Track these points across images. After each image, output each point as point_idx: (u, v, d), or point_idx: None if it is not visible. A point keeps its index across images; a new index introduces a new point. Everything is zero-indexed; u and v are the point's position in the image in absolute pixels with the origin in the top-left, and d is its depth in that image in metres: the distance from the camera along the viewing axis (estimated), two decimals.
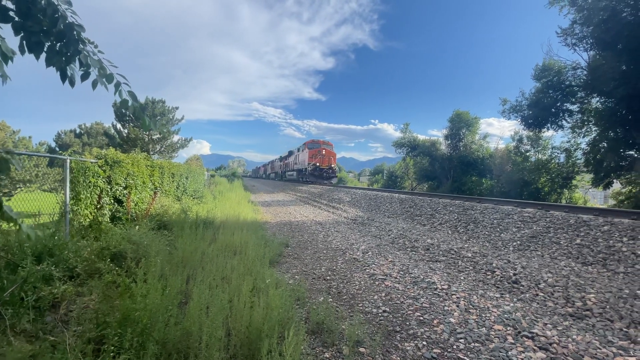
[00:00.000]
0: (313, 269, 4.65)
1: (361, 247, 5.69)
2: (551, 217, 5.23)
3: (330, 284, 4.05)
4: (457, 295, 3.46)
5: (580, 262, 4.02)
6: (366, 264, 4.72)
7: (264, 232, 7.00)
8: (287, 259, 5.22)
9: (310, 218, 9.44)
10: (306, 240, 6.46)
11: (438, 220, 7.22)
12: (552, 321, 2.83)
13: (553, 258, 4.31)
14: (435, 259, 4.91)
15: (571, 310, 3.02)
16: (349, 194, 13.27)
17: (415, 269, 4.43)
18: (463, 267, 4.46)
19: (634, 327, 2.63)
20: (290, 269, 4.68)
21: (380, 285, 3.87)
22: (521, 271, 3.90)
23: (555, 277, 3.61)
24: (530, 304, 3.25)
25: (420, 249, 5.46)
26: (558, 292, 3.32)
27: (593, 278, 3.54)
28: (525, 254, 4.64)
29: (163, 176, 8.27)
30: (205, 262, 4.20)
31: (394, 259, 4.92)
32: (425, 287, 3.75)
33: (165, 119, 31.93)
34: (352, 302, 3.45)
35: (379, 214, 9.18)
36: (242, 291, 3.14)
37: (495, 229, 5.71)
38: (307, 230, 7.53)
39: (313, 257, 5.29)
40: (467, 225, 6.34)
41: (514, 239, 5.14)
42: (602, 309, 2.93)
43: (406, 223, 7.62)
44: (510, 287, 3.67)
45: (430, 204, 8.37)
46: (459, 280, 3.96)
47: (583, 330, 2.68)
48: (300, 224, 8.54)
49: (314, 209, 11.80)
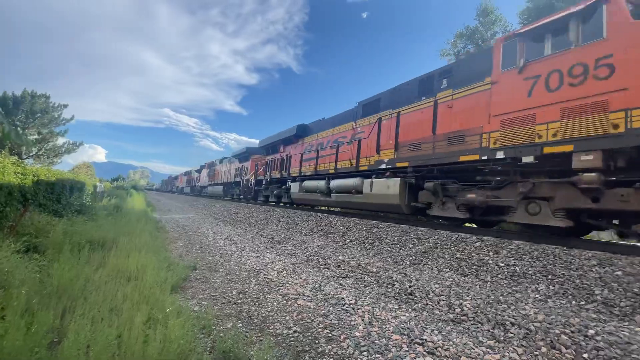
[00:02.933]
0: (223, 293, 4.39)
1: (276, 267, 5.63)
2: (438, 234, 6.12)
3: (241, 307, 3.88)
4: (363, 309, 3.70)
5: (459, 274, 4.78)
6: (280, 284, 4.69)
7: (169, 253, 6.34)
8: (193, 284, 4.82)
9: (225, 237, 8.96)
10: (217, 262, 6.09)
11: (349, 237, 7.68)
12: (438, 327, 3.27)
13: (440, 270, 5.02)
14: (345, 275, 5.19)
15: (452, 316, 3.54)
16: (267, 212, 13.10)
17: (326, 285, 4.59)
18: (369, 281, 4.81)
19: (498, 328, 3.22)
20: (196, 295, 4.33)
21: (292, 305, 3.88)
22: (415, 283, 4.42)
23: (441, 287, 4.19)
24: (422, 312, 3.70)
25: (332, 266, 5.70)
26: (443, 301, 3.86)
27: (469, 287, 4.24)
28: (418, 267, 5.29)
29: (39, 186, 6.83)
30: (89, 291, 3.57)
31: (308, 277, 5.01)
32: (334, 303, 3.91)
33: (47, 118, 26.66)
34: (263, 325, 3.37)
35: (297, 232, 9.28)
36: (135, 323, 2.77)
37: (395, 245, 6.36)
38: (219, 251, 7.11)
39: (224, 279, 5.01)
40: (374, 242, 6.91)
41: (410, 254, 5.82)
42: (475, 314, 3.51)
43: (321, 240, 7.88)
44: (406, 298, 4.11)
45: (343, 222, 8.86)
46: (364, 295, 4.26)
47: (461, 333, 3.16)
48: (212, 244, 8.02)
49: (229, 227, 11.25)
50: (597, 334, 2.83)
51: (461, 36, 16.77)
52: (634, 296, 3.39)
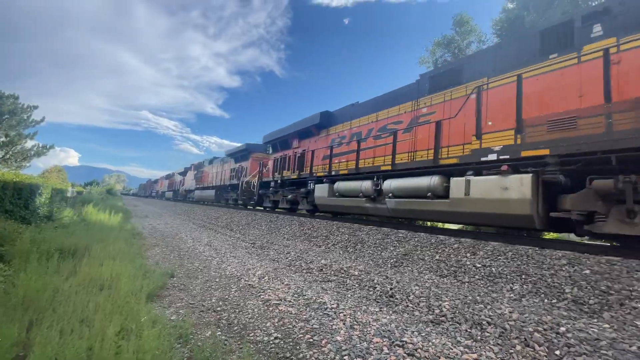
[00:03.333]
0: (202, 301, 4.27)
1: (258, 272, 5.55)
2: (419, 237, 6.22)
3: (220, 315, 3.78)
4: (344, 313, 3.70)
5: (438, 275, 4.87)
6: (261, 290, 4.62)
7: (145, 261, 6.12)
8: (171, 292, 4.66)
9: (205, 243, 8.75)
10: (197, 269, 5.93)
11: (332, 241, 7.68)
12: (418, 328, 3.31)
13: (420, 272, 5.10)
14: (328, 279, 5.18)
15: (432, 317, 3.59)
16: (249, 216, 12.92)
17: (309, 290, 4.56)
18: (351, 285, 4.82)
19: (475, 328, 3.29)
20: (174, 303, 4.19)
21: (274, 311, 3.82)
22: (396, 285, 4.46)
23: (421, 289, 4.26)
24: (402, 314, 3.74)
25: (314, 270, 5.67)
26: (422, 302, 3.91)
27: (447, 288, 4.32)
28: (399, 269, 5.36)
29: (5, 191, 6.45)
30: (58, 302, 3.40)
31: (290, 282, 4.96)
32: (316, 308, 3.88)
33: (15, 120, 25.33)
34: (243, 333, 3.29)
35: (279, 237, 9.20)
36: (107, 335, 2.65)
37: (377, 248, 6.42)
38: (199, 257, 6.93)
39: (203, 286, 4.88)
40: (356, 246, 6.95)
41: (391, 256, 5.88)
42: (453, 314, 3.58)
43: (304, 245, 7.84)
44: (387, 300, 4.14)
45: (326, 226, 8.86)
46: (346, 298, 4.26)
47: (440, 334, 3.22)
48: (192, 250, 7.81)
49: (209, 233, 11.00)
50: (568, 331, 2.95)
51: (439, 45, 17.31)
52: (602, 294, 3.57)
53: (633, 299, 3.37)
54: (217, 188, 22.61)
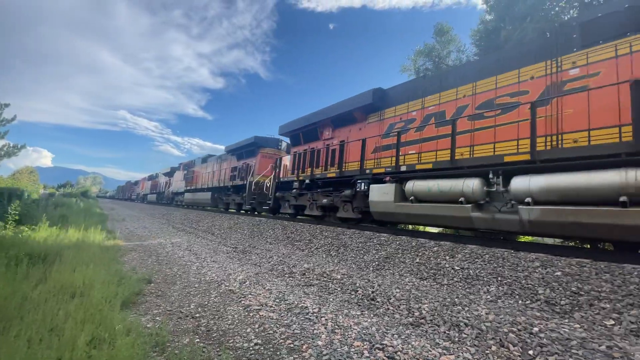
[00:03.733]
0: (180, 307, 4.15)
1: (239, 277, 5.46)
2: (400, 240, 6.31)
3: (199, 321, 3.69)
4: (326, 317, 3.69)
5: (419, 278, 4.95)
6: (242, 295, 4.54)
7: (120, 266, 5.90)
8: (148, 298, 4.51)
9: (184, 248, 8.53)
10: (175, 274, 5.76)
11: (315, 245, 7.67)
12: (398, 331, 3.34)
13: (401, 275, 5.17)
14: (310, 283, 5.15)
15: (412, 319, 3.64)
16: (231, 220, 12.71)
17: (290, 295, 4.52)
18: (333, 289, 4.82)
19: (453, 329, 3.36)
20: (150, 310, 4.05)
21: (254, 317, 3.76)
22: (378, 288, 4.50)
23: (401, 291, 4.31)
24: (383, 317, 3.77)
25: (297, 274, 5.63)
26: (403, 305, 3.96)
27: (427, 290, 4.40)
28: (381, 272, 5.41)
29: None
30: (26, 310, 3.22)
31: (272, 287, 4.90)
32: (298, 312, 3.85)
33: None
34: (223, 339, 3.22)
35: (262, 241, 9.10)
36: (78, 344, 2.53)
37: (360, 252, 6.46)
38: (177, 262, 6.74)
39: (182, 293, 4.75)
40: (339, 249, 6.96)
41: (373, 260, 5.93)
42: (432, 316, 3.64)
43: (287, 249, 7.79)
44: (369, 304, 4.16)
45: (309, 229, 8.84)
46: (328, 302, 4.25)
47: (419, 336, 3.26)
48: (170, 255, 7.60)
49: (189, 237, 10.74)
50: (541, 331, 3.06)
51: (420, 53, 17.76)
52: (572, 294, 3.72)
53: (602, 300, 3.54)
54: (214, 190, 19.33)
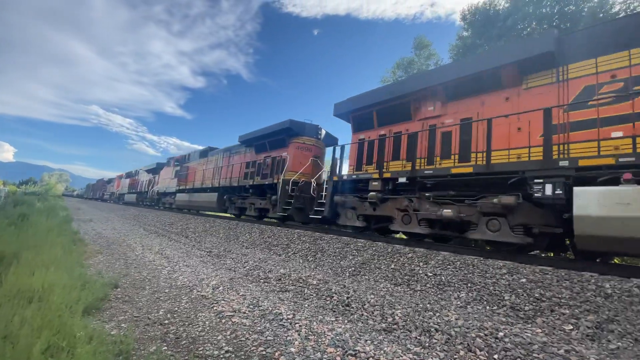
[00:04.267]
0: (148, 313, 3.98)
1: (212, 283, 5.31)
2: (376, 246, 6.39)
3: (167, 328, 3.55)
4: (300, 323, 3.66)
5: (393, 283, 5.03)
6: (215, 301, 4.42)
7: (85, 270, 5.59)
8: (113, 304, 4.29)
9: (155, 251, 8.22)
10: (144, 279, 5.53)
11: (292, 250, 7.62)
12: (371, 337, 3.37)
13: (376, 281, 5.23)
14: (286, 289, 5.10)
15: (384, 325, 3.68)
16: (207, 223, 12.39)
17: (265, 301, 4.46)
18: (308, 294, 4.80)
19: (424, 335, 3.43)
20: (115, 316, 3.86)
21: (226, 323, 3.67)
22: (353, 294, 4.52)
23: (376, 297, 4.36)
24: (357, 323, 3.79)
25: (272, 280, 5.56)
26: (377, 311, 4.00)
27: (401, 296, 4.47)
28: (357, 278, 5.45)
29: None
30: None
31: (246, 293, 4.81)
32: (272, 319, 3.80)
33: None
34: (192, 347, 3.12)
35: (238, 245, 8.92)
36: (33, 353, 2.37)
37: (337, 257, 6.48)
38: (147, 266, 6.47)
39: (150, 298, 4.56)
40: (316, 254, 6.95)
41: (350, 265, 5.97)
42: (405, 322, 3.70)
43: (263, 253, 7.68)
44: (343, 310, 4.17)
45: (287, 234, 8.77)
46: (303, 308, 4.22)
47: (391, 342, 3.30)
48: (140, 258, 7.29)
49: (161, 240, 10.36)
50: (506, 336, 3.19)
51: (399, 66, 18.28)
52: (535, 300, 3.91)
53: (562, 306, 3.74)
54: (222, 190, 15.30)
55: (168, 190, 22.22)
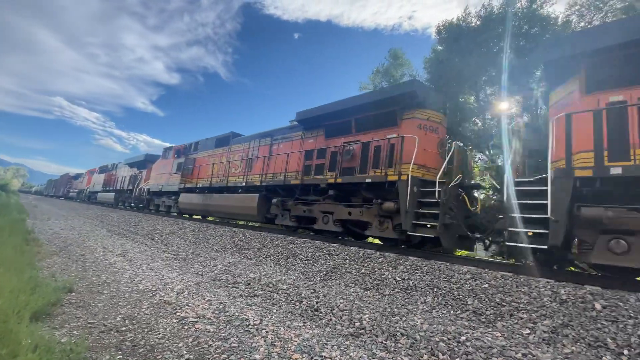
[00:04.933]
0: (104, 320, 3.74)
1: (177, 287, 5.09)
2: (348, 251, 6.43)
3: (124, 336, 3.35)
4: (267, 329, 3.58)
5: (363, 288, 5.06)
6: (178, 306, 4.23)
7: (38, 272, 5.18)
8: (66, 309, 4.00)
9: (118, 253, 7.78)
10: (103, 282, 5.21)
11: (264, 254, 7.49)
12: (338, 342, 3.35)
13: (346, 285, 5.24)
14: (254, 294, 4.99)
15: (352, 330, 3.68)
16: (175, 225, 11.93)
17: (232, 306, 4.33)
18: (278, 299, 4.71)
19: (390, 339, 3.45)
20: (67, 322, 3.60)
21: (189, 330, 3.52)
22: (322, 299, 4.50)
23: (345, 302, 4.36)
24: (325, 328, 3.76)
25: (241, 284, 5.43)
26: (345, 315, 4.00)
27: (369, 300, 4.50)
28: (328, 283, 5.43)
29: None
30: None
31: (212, 298, 4.65)
32: (238, 325, 3.69)
33: None
34: (150, 355, 2.95)
35: (207, 248, 8.65)
36: None
37: (309, 261, 6.45)
38: (107, 269, 6.11)
39: (108, 303, 4.29)
40: (288, 259, 6.87)
41: (321, 270, 5.95)
42: (372, 326, 3.72)
43: (233, 257, 7.49)
44: (312, 315, 4.14)
45: (259, 237, 8.62)
46: (271, 314, 4.14)
47: (358, 347, 3.30)
48: (100, 260, 6.88)
49: (125, 241, 9.84)
50: (467, 340, 3.28)
51: (378, 72, 18.75)
52: (496, 305, 4.07)
53: (520, 310, 3.91)
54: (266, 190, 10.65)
55: (165, 189, 16.93)
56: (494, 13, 14.44)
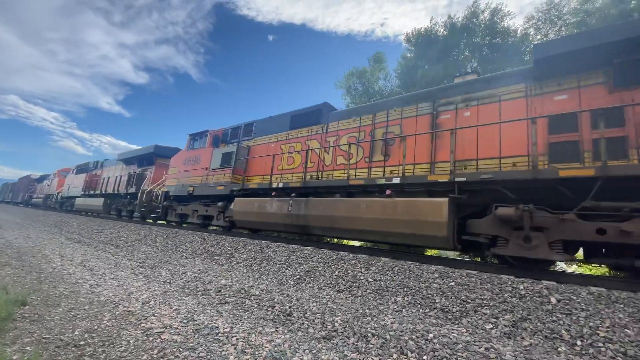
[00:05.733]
0: (61, 334, 3.50)
1: (142, 297, 4.86)
2: (322, 253, 6.44)
3: (83, 350, 3.15)
4: (237, 336, 3.50)
5: (336, 290, 5.09)
6: (143, 317, 4.04)
7: None
8: (19, 324, 3.71)
9: (77, 262, 7.30)
10: (60, 294, 4.87)
11: (236, 259, 7.32)
12: (310, 346, 3.35)
13: (320, 288, 5.25)
14: (225, 301, 4.86)
15: (324, 333, 3.69)
16: (141, 231, 11.39)
17: (201, 314, 4.19)
18: (249, 305, 4.63)
19: (361, 340, 3.50)
20: (20, 338, 3.33)
21: (154, 341, 3.37)
22: (295, 303, 4.47)
23: (318, 305, 4.36)
24: (297, 333, 3.74)
25: (212, 292, 5.27)
26: (318, 319, 4.00)
27: (342, 302, 4.54)
28: (301, 286, 5.41)
29: None
30: None
31: (180, 307, 4.48)
32: (207, 333, 3.58)
33: None
34: None
35: (176, 255, 8.32)
36: None
37: (282, 266, 6.38)
38: (65, 280, 5.72)
39: (65, 316, 4.02)
40: (261, 263, 6.77)
41: (295, 273, 5.91)
42: (344, 328, 3.75)
43: (204, 264, 7.27)
44: (284, 319, 4.10)
45: (231, 242, 8.42)
46: (242, 321, 4.06)
47: (329, 350, 3.31)
48: (58, 271, 6.42)
49: (86, 249, 9.25)
50: (435, 337, 3.39)
51: (351, 75, 19.12)
52: (462, 302, 4.24)
53: (484, 306, 4.09)
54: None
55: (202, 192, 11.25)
56: (459, 23, 15.21)
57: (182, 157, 13.10)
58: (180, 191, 12.40)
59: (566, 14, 14.30)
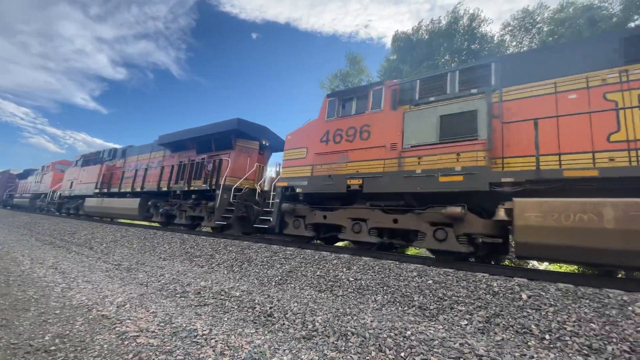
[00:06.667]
0: (30, 339, 3.35)
1: (117, 300, 4.72)
2: (304, 254, 6.46)
3: (54, 356, 3.03)
4: (217, 338, 3.46)
5: (317, 290, 5.12)
6: (118, 321, 3.92)
7: None
8: None
9: (49, 265, 6.99)
10: (29, 298, 4.65)
11: (217, 260, 7.22)
12: (290, 346, 3.36)
13: (301, 288, 5.26)
14: (204, 303, 4.79)
15: (305, 333, 3.71)
16: (117, 232, 11.02)
17: (179, 317, 4.11)
18: (229, 307, 4.58)
19: (341, 339, 3.53)
20: None
21: (129, 345, 3.28)
22: (276, 304, 4.47)
23: (299, 305, 4.37)
24: (277, 333, 3.74)
25: (191, 294, 5.18)
26: (299, 319, 4.01)
27: (323, 302, 4.57)
28: (283, 287, 5.41)
29: None
30: None
31: (158, 309, 4.38)
32: (185, 336, 3.52)
33: None
34: None
35: (154, 256, 8.12)
36: None
37: (264, 266, 6.36)
38: (36, 283, 5.47)
39: (35, 321, 3.85)
40: (242, 264, 6.71)
41: (277, 274, 5.90)
42: (324, 328, 3.77)
43: (183, 266, 7.12)
44: (265, 320, 4.09)
45: (212, 244, 8.30)
46: (222, 322, 4.02)
47: (309, 349, 3.33)
48: (27, 274, 6.13)
49: (58, 252, 8.87)
50: (412, 334, 3.48)
51: (336, 77, 19.27)
52: (439, 300, 4.37)
53: (460, 303, 4.23)
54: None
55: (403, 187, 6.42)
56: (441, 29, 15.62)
57: (320, 130, 8.18)
58: (324, 186, 7.68)
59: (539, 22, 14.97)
